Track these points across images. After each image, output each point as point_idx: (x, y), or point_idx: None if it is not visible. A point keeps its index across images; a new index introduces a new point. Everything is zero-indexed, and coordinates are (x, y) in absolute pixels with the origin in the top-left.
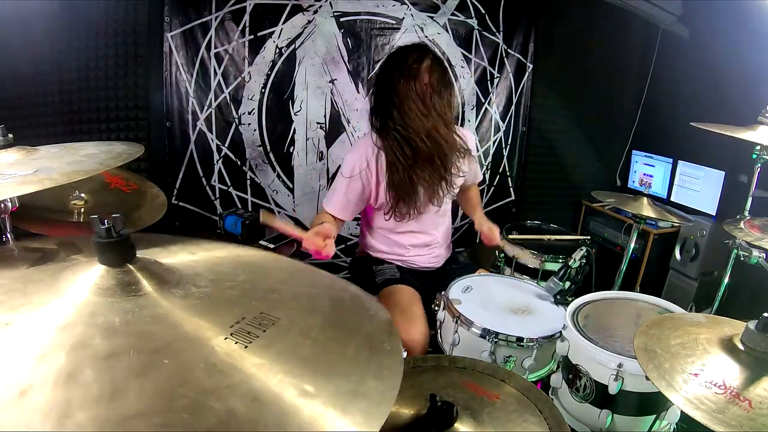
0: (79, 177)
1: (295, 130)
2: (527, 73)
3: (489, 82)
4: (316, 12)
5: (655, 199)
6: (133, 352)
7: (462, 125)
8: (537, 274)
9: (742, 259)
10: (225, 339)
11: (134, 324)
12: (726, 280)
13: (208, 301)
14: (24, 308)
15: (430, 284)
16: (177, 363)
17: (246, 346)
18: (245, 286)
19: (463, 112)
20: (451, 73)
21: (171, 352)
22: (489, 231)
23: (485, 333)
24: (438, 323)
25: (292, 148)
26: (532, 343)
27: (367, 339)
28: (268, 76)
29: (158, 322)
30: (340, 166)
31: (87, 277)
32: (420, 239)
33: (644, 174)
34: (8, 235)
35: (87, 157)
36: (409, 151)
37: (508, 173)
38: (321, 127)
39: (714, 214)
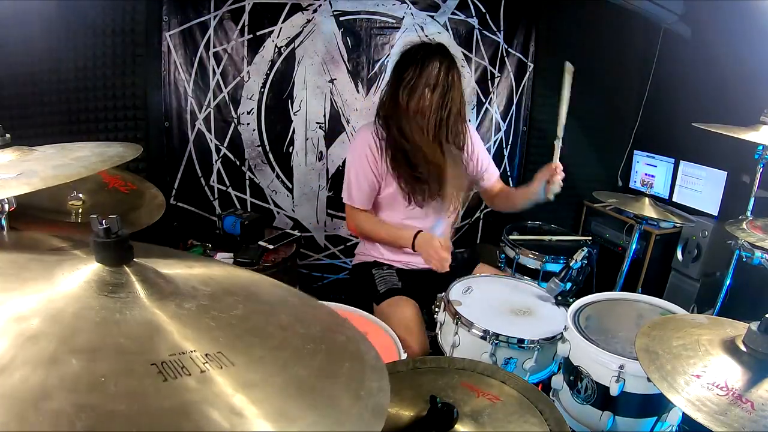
0: (59, 182)
1: (294, 130)
2: (528, 73)
3: (489, 81)
4: (315, 11)
5: (656, 199)
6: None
7: None
8: (538, 275)
9: (744, 260)
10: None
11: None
12: (728, 281)
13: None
14: (15, 292)
15: (430, 285)
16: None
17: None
18: (246, 318)
19: None
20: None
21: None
22: (547, 168)
23: (486, 334)
24: (438, 325)
25: (291, 148)
26: (533, 345)
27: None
28: (267, 75)
29: (134, 314)
30: (344, 161)
31: (82, 273)
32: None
33: (646, 174)
34: (6, 236)
35: (76, 159)
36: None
37: (509, 173)
38: (320, 127)
39: (716, 214)
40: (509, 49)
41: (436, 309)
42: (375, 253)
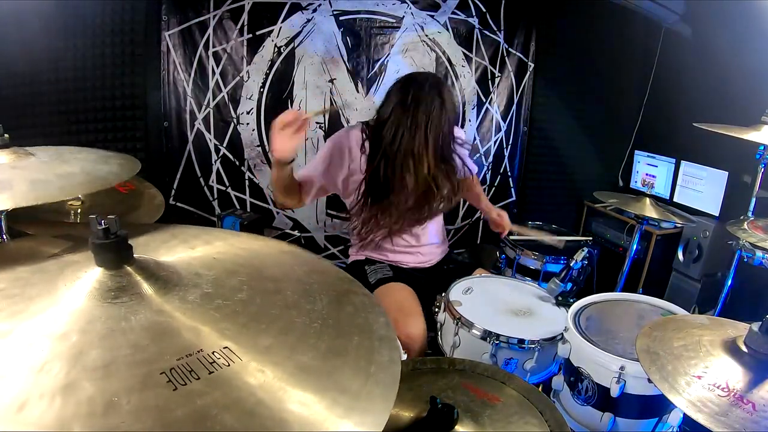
0: (29, 203)
1: None
2: (528, 73)
3: (490, 81)
4: (315, 11)
5: (657, 199)
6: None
7: (462, 126)
8: (538, 275)
9: (745, 260)
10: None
11: (129, 332)
12: (729, 281)
13: (201, 311)
14: (22, 315)
15: (425, 282)
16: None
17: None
18: (247, 305)
19: (464, 112)
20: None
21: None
22: (498, 217)
23: (486, 335)
24: (438, 325)
25: None
26: (533, 345)
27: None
28: (267, 75)
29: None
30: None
31: (84, 282)
32: (408, 239)
33: (647, 174)
34: (4, 236)
35: (60, 177)
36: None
37: (509, 173)
38: (320, 127)
39: (717, 214)
40: (509, 49)
41: (436, 309)
42: (367, 251)
